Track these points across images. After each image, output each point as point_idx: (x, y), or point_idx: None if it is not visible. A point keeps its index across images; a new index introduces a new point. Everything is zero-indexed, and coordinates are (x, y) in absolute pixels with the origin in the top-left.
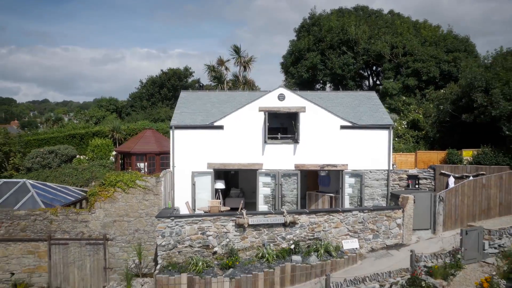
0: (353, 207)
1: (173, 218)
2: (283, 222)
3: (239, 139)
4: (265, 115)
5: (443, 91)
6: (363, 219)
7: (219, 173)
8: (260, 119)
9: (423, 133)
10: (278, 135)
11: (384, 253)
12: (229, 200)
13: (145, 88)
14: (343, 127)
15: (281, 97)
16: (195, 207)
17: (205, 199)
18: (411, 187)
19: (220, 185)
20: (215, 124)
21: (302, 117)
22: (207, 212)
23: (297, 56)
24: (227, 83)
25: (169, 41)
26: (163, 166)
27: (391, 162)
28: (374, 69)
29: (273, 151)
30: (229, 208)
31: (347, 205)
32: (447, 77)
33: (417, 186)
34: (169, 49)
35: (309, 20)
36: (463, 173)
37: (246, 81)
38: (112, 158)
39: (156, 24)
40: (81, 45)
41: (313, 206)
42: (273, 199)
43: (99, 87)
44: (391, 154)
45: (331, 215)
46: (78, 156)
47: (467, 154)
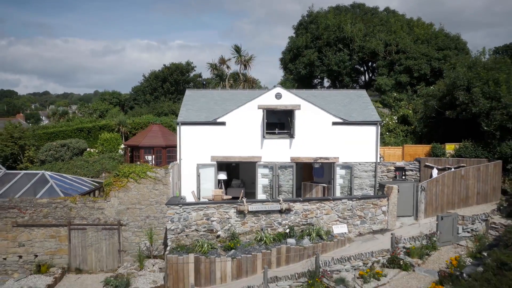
0: (343, 196)
1: (181, 205)
2: (279, 209)
3: (240, 134)
4: (263, 112)
5: (432, 87)
6: (351, 206)
7: (222, 165)
8: (259, 116)
9: (412, 128)
10: (275, 130)
11: (370, 237)
12: (231, 190)
13: (148, 82)
14: (334, 123)
15: (278, 96)
16: (200, 196)
17: (209, 188)
18: (398, 178)
19: (223, 176)
20: (218, 120)
21: (297, 114)
22: (211, 200)
23: (295, 53)
24: (228, 80)
25: (169, 33)
26: (169, 159)
27: (378, 155)
28: (369, 64)
29: (271, 145)
30: (231, 197)
31: (338, 194)
32: (437, 74)
33: (403, 177)
34: (169, 40)
35: (307, 18)
36: (445, 165)
37: (246, 78)
38: (120, 151)
39: (156, 15)
40: (81, 36)
41: (307, 195)
42: (271, 189)
43: (99, 79)
44: (379, 148)
45: (322, 203)
46: (88, 149)
47: (450, 147)
